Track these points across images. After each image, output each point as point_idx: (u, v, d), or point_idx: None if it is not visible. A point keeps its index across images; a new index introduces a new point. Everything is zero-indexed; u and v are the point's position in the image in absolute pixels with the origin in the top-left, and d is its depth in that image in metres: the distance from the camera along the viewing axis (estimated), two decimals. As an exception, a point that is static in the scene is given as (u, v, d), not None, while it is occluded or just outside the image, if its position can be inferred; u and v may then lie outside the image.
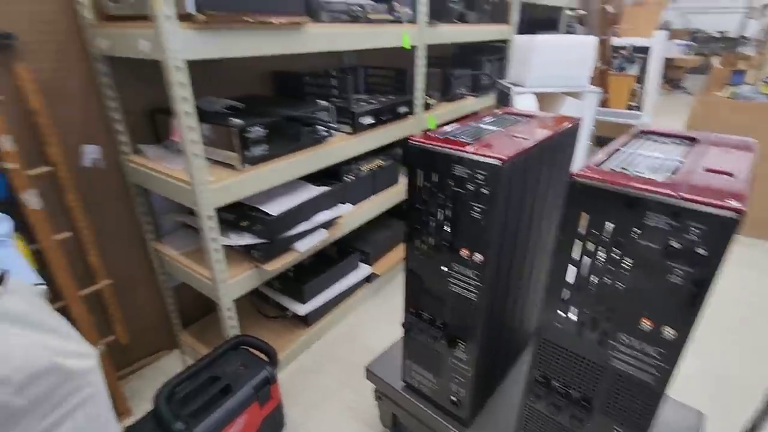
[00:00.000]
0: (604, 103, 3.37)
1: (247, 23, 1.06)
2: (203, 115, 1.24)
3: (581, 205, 0.63)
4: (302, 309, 1.61)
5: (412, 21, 1.75)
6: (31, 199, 1.07)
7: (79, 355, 0.65)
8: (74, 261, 1.28)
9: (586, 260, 0.66)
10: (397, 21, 1.66)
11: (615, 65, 3.41)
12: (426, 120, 2.00)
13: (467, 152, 0.76)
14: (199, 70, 1.41)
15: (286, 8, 1.16)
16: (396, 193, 1.91)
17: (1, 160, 1.02)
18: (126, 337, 1.45)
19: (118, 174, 1.36)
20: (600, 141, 3.58)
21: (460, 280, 0.87)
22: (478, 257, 0.82)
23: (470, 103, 2.31)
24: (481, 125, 0.99)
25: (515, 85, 2.21)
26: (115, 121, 1.30)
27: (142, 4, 0.99)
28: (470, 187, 0.77)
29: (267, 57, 1.64)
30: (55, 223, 1.20)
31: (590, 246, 0.65)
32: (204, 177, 1.11)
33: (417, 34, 1.76)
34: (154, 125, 1.41)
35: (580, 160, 2.15)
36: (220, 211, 1.26)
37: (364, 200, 1.79)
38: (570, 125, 0.98)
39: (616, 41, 3.35)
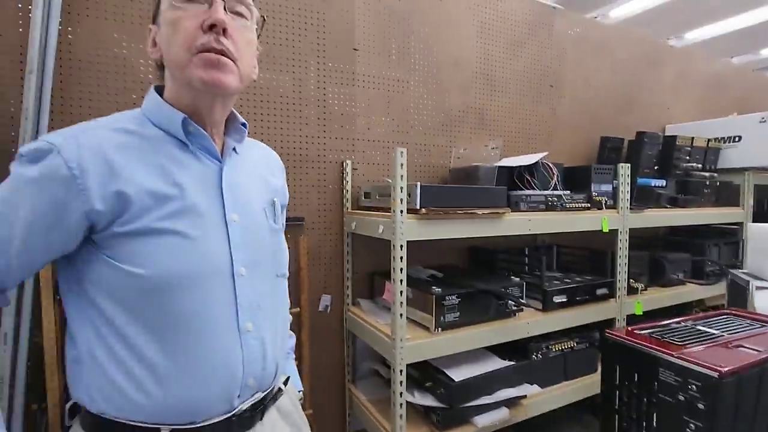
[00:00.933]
0: None
1: (458, 215, 1.32)
2: (409, 281, 1.49)
3: None
4: (472, 497, 1.45)
5: (613, 207, 1.78)
6: (282, 332, 1.42)
7: None
8: (292, 387, 1.56)
9: None
10: (596, 208, 1.72)
11: None
12: (631, 305, 1.83)
13: (674, 356, 0.71)
14: (413, 243, 1.74)
15: (491, 203, 1.40)
16: (593, 383, 1.69)
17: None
18: (308, 472, 1.57)
19: (339, 320, 1.68)
20: None
21: None
22: (698, 492, 0.67)
23: (690, 290, 2.02)
24: (699, 326, 0.90)
25: (755, 277, 1.85)
26: (345, 279, 1.68)
27: (386, 202, 1.38)
28: (681, 397, 0.69)
29: (468, 234, 1.90)
30: (289, 352, 1.54)
31: None
32: (403, 334, 1.28)
33: (618, 220, 1.77)
34: (371, 284, 1.75)
35: None
36: (409, 366, 1.38)
37: (554, 385, 1.65)
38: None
39: None
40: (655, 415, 0.74)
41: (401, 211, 1.25)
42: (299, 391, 0.88)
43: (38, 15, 1.14)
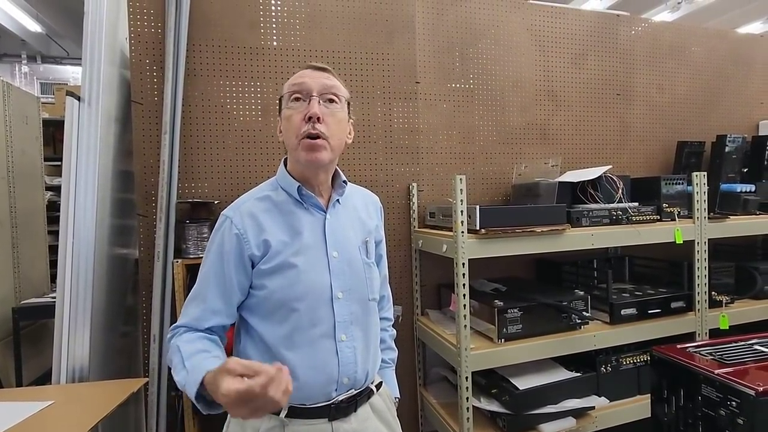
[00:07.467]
0: None
1: (516, 233, 1.42)
2: (473, 293, 1.60)
3: None
4: (541, 503, 1.51)
5: (688, 217, 1.73)
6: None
7: None
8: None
9: None
10: (669, 219, 1.69)
11: None
12: (715, 318, 1.75)
13: (715, 374, 0.76)
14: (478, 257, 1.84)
15: (550, 220, 1.47)
16: (669, 398, 1.65)
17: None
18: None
19: (411, 329, 1.84)
20: None
21: None
22: (741, 501, 0.71)
23: (786, 304, 1.86)
24: (757, 345, 0.92)
25: None
26: (414, 291, 1.84)
27: (449, 221, 1.51)
28: (722, 412, 0.74)
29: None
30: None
31: None
32: (468, 344, 1.40)
33: (694, 230, 1.71)
34: (439, 295, 1.88)
35: None
36: (475, 374, 1.49)
37: (627, 399, 1.64)
38: None
39: None
40: (700, 427, 0.80)
41: (462, 232, 1.38)
42: (395, 398, 1.05)
43: (169, 88, 1.47)
